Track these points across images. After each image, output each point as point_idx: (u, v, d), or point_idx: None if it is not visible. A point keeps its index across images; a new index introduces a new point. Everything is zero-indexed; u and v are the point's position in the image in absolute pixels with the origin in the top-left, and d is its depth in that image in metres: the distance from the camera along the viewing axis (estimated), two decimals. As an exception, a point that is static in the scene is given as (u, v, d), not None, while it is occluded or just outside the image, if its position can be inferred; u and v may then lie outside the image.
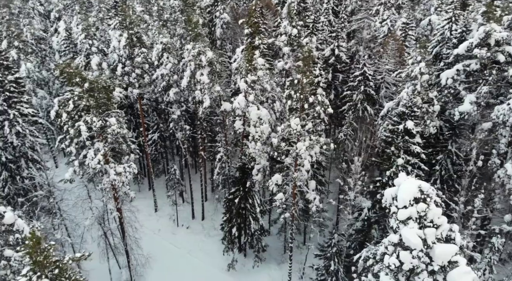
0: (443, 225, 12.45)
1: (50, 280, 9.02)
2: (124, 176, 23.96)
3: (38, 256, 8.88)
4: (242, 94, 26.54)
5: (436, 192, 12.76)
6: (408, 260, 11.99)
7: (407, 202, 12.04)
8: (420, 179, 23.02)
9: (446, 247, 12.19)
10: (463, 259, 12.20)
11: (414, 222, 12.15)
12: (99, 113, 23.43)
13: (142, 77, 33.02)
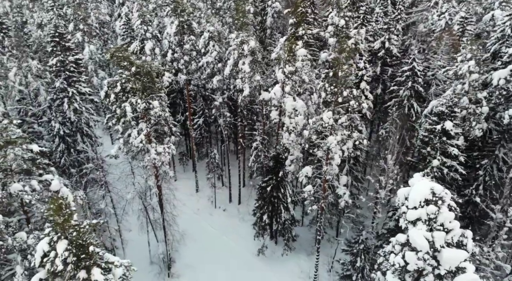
0: (454, 230, 12.22)
1: (69, 240, 10.46)
2: (163, 155, 25.62)
3: (59, 219, 10.35)
4: (279, 84, 26.98)
5: (451, 196, 12.49)
6: (413, 261, 12.00)
7: (417, 203, 11.98)
8: (457, 183, 22.34)
9: (455, 252, 11.99)
10: (472, 266, 11.94)
11: (423, 223, 12.07)
12: (144, 95, 25.18)
13: (189, 63, 34.60)
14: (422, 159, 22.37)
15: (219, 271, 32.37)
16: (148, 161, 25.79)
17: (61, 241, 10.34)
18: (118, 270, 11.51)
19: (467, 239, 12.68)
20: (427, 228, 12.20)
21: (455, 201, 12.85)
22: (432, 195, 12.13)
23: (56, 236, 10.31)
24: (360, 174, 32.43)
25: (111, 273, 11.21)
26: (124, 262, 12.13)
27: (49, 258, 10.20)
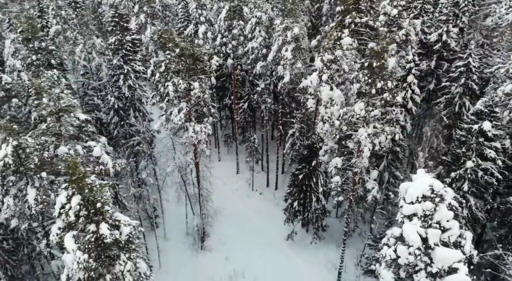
0: (452, 230, 12.01)
1: (82, 196, 12.11)
2: (200, 134, 27.17)
3: (74, 177, 12.05)
4: (316, 72, 27.01)
5: (454, 196, 12.21)
6: (404, 255, 12.06)
7: (414, 198, 11.94)
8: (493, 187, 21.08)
9: (448, 252, 11.84)
10: (465, 268, 11.71)
11: (418, 219, 12.02)
12: (187, 76, 26.75)
13: (237, 48, 35.68)
14: (457, 160, 21.34)
15: (249, 250, 33.74)
16: (186, 138, 27.54)
17: (75, 196, 12.07)
18: (126, 228, 13.06)
19: (465, 241, 12.35)
20: (422, 224, 12.10)
21: (459, 201, 12.50)
22: (430, 191, 11.96)
23: (71, 191, 12.04)
24: (398, 171, 31.51)
25: (120, 230, 12.79)
26: (132, 223, 13.67)
27: (65, 210, 11.99)
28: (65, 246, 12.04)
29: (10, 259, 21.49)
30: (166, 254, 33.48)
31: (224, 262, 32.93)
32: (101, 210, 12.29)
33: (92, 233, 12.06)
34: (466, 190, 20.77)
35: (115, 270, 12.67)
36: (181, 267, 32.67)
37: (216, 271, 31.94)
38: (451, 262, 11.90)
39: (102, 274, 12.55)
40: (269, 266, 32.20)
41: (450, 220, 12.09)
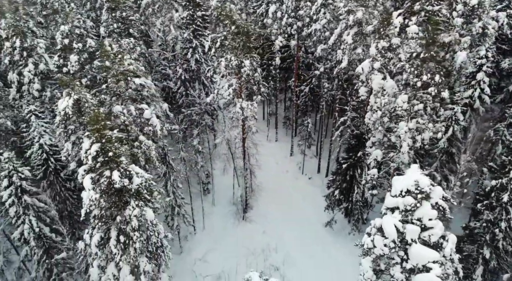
0: (434, 229, 11.85)
1: (101, 144, 14.42)
2: (246, 111, 28.67)
3: (96, 127, 14.38)
4: (369, 59, 26.38)
5: (444, 197, 11.95)
6: (379, 245, 12.28)
7: (398, 192, 11.99)
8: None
9: (425, 251, 11.76)
10: (439, 269, 11.55)
11: (399, 213, 12.07)
12: (241, 54, 28.17)
13: (302, 30, 35.99)
14: (502, 167, 19.68)
15: (286, 229, 35.07)
16: (233, 113, 29.30)
17: (94, 144, 14.44)
18: (137, 179, 15.22)
19: (447, 243, 12.01)
20: (402, 218, 12.09)
21: (447, 201, 12.11)
22: (415, 187, 11.83)
23: (92, 139, 14.45)
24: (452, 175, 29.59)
25: (132, 180, 15.00)
26: (145, 175, 15.83)
27: (86, 154, 14.49)
28: (84, 185, 14.65)
29: (70, 197, 25.85)
30: (211, 218, 36.40)
31: (261, 235, 34.71)
32: (115, 159, 14.58)
33: (106, 177, 14.45)
34: (506, 201, 19.19)
35: (125, 213, 15.00)
36: (223, 232, 35.32)
37: (252, 242, 33.88)
38: (426, 261, 11.79)
39: (113, 215, 15.00)
40: (302, 247, 33.18)
41: (433, 219, 11.89)
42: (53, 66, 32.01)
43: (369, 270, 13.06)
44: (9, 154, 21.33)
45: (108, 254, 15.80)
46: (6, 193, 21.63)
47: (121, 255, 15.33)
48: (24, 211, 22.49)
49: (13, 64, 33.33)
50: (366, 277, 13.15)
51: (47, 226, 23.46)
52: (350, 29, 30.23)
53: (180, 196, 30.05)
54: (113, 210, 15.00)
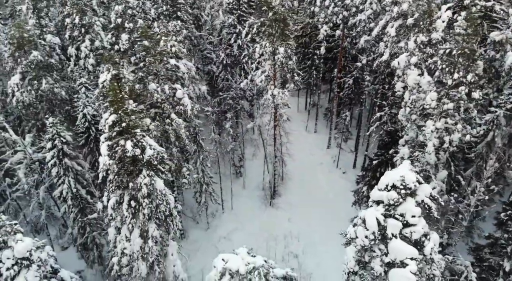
0: (416, 226, 11.92)
1: (118, 115, 15.97)
2: (276, 98, 29.28)
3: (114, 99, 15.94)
4: (406, 53, 25.62)
5: (431, 195, 11.92)
6: (361, 236, 12.58)
7: (384, 186, 12.15)
8: None
9: (403, 246, 11.90)
10: (414, 266, 11.66)
11: (382, 207, 12.25)
12: (278, 40, 28.67)
13: (347, 19, 35.51)
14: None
15: (312, 220, 35.50)
16: (264, 100, 30.07)
17: (112, 114, 16.04)
18: (150, 151, 16.64)
19: (428, 242, 11.95)
20: (385, 212, 12.23)
21: (435, 200, 11.99)
22: (400, 182, 11.88)
23: (110, 110, 16.05)
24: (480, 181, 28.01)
25: (145, 151, 16.46)
26: (158, 148, 17.24)
27: (105, 124, 16.15)
28: (101, 151, 16.40)
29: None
30: (239, 200, 37.82)
31: (285, 222, 35.51)
32: (130, 130, 16.11)
33: (120, 146, 16.04)
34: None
35: (137, 181, 16.58)
36: (249, 214, 36.63)
37: (276, 227, 34.81)
38: (404, 257, 11.90)
39: (127, 181, 16.65)
40: (324, 239, 33.43)
41: (416, 216, 11.91)
42: (107, 43, 34.78)
43: (352, 260, 13.39)
44: (53, 120, 24.08)
45: (122, 216, 17.61)
46: (49, 154, 24.49)
47: (131, 218, 17.05)
48: (64, 172, 25.30)
49: (72, 39, 36.60)
50: (348, 266, 13.50)
51: (84, 188, 26.19)
52: (394, 21, 29.36)
53: (208, 175, 31.64)
54: (127, 177, 16.67)
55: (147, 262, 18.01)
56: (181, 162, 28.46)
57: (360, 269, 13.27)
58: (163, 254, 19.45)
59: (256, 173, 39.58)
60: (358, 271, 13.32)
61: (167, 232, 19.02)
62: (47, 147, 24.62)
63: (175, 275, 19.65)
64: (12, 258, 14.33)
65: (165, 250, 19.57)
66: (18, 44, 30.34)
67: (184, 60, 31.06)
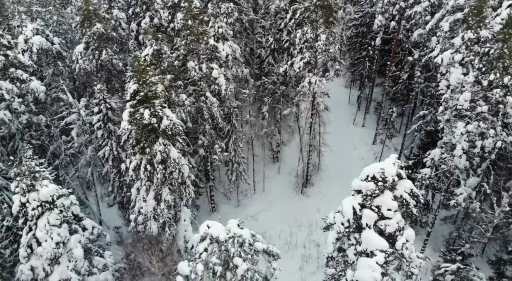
0: (391, 220, 12.07)
1: (139, 85, 17.60)
2: (313, 86, 29.44)
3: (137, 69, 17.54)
4: (451, 50, 24.34)
5: (412, 191, 11.95)
6: (338, 223, 12.98)
7: (364, 176, 12.40)
8: None
9: (374, 237, 12.15)
10: (382, 258, 11.89)
11: (361, 197, 12.52)
12: (323, 27, 28.63)
13: (404, 11, 34.17)
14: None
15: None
16: (301, 87, 30.36)
17: (134, 84, 17.74)
18: (166, 121, 18.14)
19: (401, 237, 11.96)
20: (362, 202, 12.44)
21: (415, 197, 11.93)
22: (380, 174, 11.98)
23: (135, 79, 17.72)
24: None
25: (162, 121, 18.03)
26: (175, 120, 18.73)
27: (128, 92, 17.92)
28: (123, 116, 18.28)
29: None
30: (272, 184, 38.88)
31: (314, 212, 35.88)
32: (150, 100, 17.73)
33: (139, 114, 17.75)
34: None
35: (153, 148, 18.25)
36: (279, 199, 37.61)
37: (303, 215, 35.42)
38: (374, 248, 12.11)
39: (145, 147, 18.39)
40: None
41: (392, 210, 12.01)
42: (164, 21, 37.12)
43: (331, 245, 13.82)
44: (101, 86, 26.82)
45: (141, 179, 19.55)
46: (96, 117, 27.41)
47: (146, 180, 18.91)
48: (108, 135, 28.16)
49: (135, 15, 39.49)
50: (327, 251, 13.97)
51: (124, 152, 28.89)
52: (449, 15, 27.86)
53: (240, 155, 32.96)
54: (145, 143, 18.43)
55: (158, 222, 19.87)
56: (214, 139, 30.03)
57: (339, 255, 13.68)
58: (175, 219, 21.23)
59: (292, 160, 40.17)
60: (336, 257, 13.75)
61: (180, 199, 20.70)
62: (94, 111, 27.54)
63: (186, 240, 21.34)
64: (37, 200, 16.85)
65: (179, 216, 21.32)
66: (84, 16, 33.63)
67: (229, 42, 32.32)
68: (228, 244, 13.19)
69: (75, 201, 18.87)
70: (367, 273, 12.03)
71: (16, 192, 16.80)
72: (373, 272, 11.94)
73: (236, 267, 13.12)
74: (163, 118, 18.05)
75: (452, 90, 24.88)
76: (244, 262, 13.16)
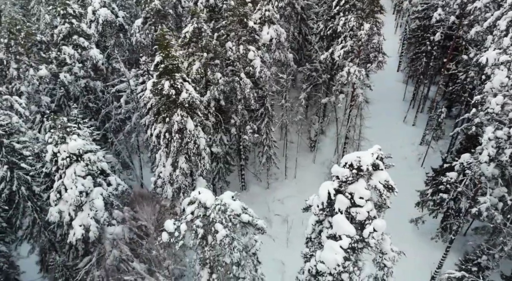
0: (362, 208, 12.39)
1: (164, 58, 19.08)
2: (351, 76, 29.19)
3: (162, 43, 18.92)
4: (498, 50, 22.77)
5: (387, 183, 12.17)
6: (314, 205, 13.55)
7: (343, 163, 12.78)
8: None
9: (343, 222, 12.57)
10: (347, 243, 12.35)
11: (337, 182, 12.93)
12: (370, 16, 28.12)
13: (466, 5, 32.24)
14: None
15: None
16: (339, 76, 30.24)
17: (158, 56, 19.27)
18: (185, 94, 19.53)
19: (370, 226, 12.18)
20: (338, 187, 12.82)
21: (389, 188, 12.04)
22: (356, 162, 12.24)
23: (160, 52, 19.29)
24: None
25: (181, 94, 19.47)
26: (193, 94, 20.07)
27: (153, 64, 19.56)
28: (146, 86, 20.01)
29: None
30: (304, 172, 39.40)
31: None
32: (171, 73, 19.23)
33: (161, 85, 19.35)
34: None
35: (172, 118, 19.86)
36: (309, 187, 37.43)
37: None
38: (342, 233, 12.50)
39: (165, 116, 20.07)
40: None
41: (364, 198, 12.29)
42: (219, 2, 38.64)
43: (310, 227, 14.39)
44: (146, 59, 29.25)
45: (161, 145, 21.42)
46: (140, 87, 29.95)
47: (164, 147, 20.66)
48: (149, 105, 30.66)
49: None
50: (307, 232, 14.56)
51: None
52: (506, 14, 25.92)
53: (272, 139, 33.83)
54: (166, 113, 20.10)
55: (173, 187, 21.66)
56: (246, 120, 31.18)
57: (317, 237, 14.25)
58: (192, 186, 22.95)
59: (329, 150, 40.19)
60: (314, 238, 14.32)
61: (196, 168, 22.30)
62: (139, 81, 30.05)
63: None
64: (66, 152, 19.31)
65: (194, 184, 22.98)
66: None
67: (275, 25, 32.90)
68: (212, 210, 14.36)
69: (101, 157, 21.25)
70: (330, 255, 12.52)
71: (49, 142, 19.47)
72: (335, 255, 12.38)
73: (217, 232, 14.29)
74: (182, 91, 19.53)
75: (495, 94, 23.42)
76: (224, 229, 14.28)
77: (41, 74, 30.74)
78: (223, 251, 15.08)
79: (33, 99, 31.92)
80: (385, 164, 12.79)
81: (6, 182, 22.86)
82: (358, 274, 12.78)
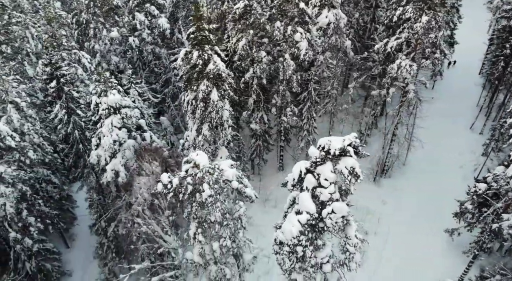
0: (325, 189, 13.03)
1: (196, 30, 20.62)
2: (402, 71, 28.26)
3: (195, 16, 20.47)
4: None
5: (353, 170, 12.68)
6: (290, 182, 14.45)
7: (318, 145, 13.44)
8: None
9: (305, 200, 13.36)
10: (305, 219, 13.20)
11: (310, 162, 13.66)
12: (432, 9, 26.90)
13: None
14: None
15: (405, 215, 34.36)
16: (390, 68, 29.44)
17: (192, 27, 20.89)
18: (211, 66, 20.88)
19: (329, 206, 12.77)
20: (309, 167, 13.48)
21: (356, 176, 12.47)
22: (326, 145, 12.77)
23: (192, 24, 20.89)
24: None
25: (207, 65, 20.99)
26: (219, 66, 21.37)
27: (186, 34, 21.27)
28: (179, 56, 21.91)
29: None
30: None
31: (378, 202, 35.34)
32: (200, 45, 20.86)
33: (190, 54, 21.10)
34: None
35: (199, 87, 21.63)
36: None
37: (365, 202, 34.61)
38: (304, 209, 13.30)
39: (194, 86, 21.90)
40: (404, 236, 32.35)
41: (329, 180, 12.87)
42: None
43: (287, 202, 15.29)
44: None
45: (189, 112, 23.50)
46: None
47: (190, 113, 22.64)
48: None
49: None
50: (285, 207, 15.47)
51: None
52: None
53: (313, 124, 34.25)
54: (193, 81, 21.94)
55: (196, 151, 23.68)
56: (288, 101, 31.94)
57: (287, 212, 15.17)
58: (214, 154, 24.83)
59: (377, 146, 39.31)
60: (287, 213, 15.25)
61: (219, 138, 24.05)
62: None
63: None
64: (106, 103, 22.19)
65: (217, 152, 24.81)
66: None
67: (336, 9, 32.74)
68: (204, 171, 15.96)
69: (137, 114, 23.97)
70: (288, 227, 13.40)
71: (94, 93, 22.55)
72: (292, 227, 13.21)
73: (203, 191, 15.88)
74: (210, 63, 21.13)
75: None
76: (210, 189, 15.81)
77: (112, 35, 34.62)
78: (208, 209, 16.69)
79: (105, 57, 36.15)
80: (360, 153, 13.14)
81: (63, 124, 26.91)
82: (311, 250, 13.52)
